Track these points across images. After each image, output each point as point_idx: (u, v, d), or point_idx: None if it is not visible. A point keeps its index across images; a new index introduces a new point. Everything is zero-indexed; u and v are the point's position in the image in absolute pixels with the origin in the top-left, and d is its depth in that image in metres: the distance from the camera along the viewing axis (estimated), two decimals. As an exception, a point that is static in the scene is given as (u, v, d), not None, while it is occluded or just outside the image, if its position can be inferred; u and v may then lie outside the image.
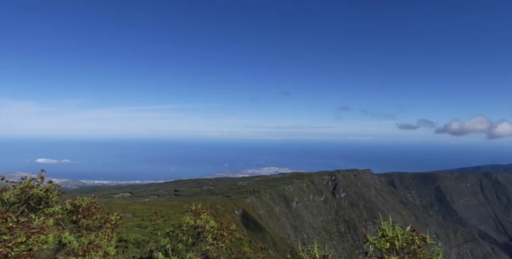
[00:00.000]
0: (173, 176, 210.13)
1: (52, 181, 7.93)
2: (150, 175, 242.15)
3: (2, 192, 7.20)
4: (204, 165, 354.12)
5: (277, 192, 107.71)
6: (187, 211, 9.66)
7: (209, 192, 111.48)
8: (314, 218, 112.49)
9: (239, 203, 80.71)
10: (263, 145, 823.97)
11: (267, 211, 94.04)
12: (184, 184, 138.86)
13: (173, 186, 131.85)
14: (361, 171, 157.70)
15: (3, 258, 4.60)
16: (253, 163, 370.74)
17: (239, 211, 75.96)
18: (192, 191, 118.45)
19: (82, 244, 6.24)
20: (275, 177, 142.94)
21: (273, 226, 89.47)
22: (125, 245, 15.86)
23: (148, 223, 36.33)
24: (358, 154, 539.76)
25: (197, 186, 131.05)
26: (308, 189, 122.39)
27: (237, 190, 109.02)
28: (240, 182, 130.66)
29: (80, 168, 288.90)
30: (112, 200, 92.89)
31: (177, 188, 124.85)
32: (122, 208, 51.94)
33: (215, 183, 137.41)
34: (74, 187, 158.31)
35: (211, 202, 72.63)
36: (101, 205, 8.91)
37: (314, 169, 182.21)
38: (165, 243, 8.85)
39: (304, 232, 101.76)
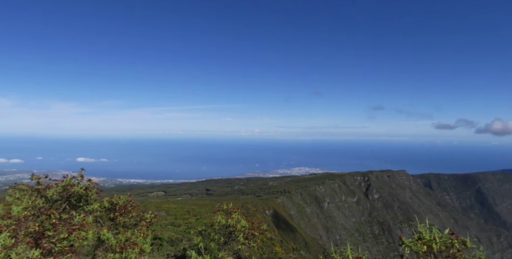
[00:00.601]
0: (205, 175, 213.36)
1: (91, 179, 8.25)
2: (183, 175, 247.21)
3: (46, 190, 7.59)
4: (235, 164, 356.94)
5: (308, 193, 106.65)
6: (218, 211, 9.74)
7: (240, 192, 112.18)
8: (346, 219, 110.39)
9: (270, 203, 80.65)
10: (294, 145, 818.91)
11: (298, 212, 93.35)
12: (216, 183, 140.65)
13: (205, 186, 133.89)
14: (396, 172, 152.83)
15: (48, 253, 4.83)
16: (284, 164, 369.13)
17: (270, 212, 75.89)
18: (223, 191, 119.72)
19: (119, 241, 6.44)
20: (306, 177, 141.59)
21: (305, 226, 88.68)
22: (159, 243, 16.27)
23: (182, 221, 37.05)
24: (392, 155, 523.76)
25: (228, 185, 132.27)
26: (340, 190, 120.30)
27: (268, 190, 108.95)
28: (270, 182, 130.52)
29: (116, 167, 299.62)
30: (147, 198, 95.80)
31: (208, 187, 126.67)
32: (156, 207, 53.34)
33: (246, 182, 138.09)
34: (111, 185, 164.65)
35: (242, 202, 73.06)
36: (137, 204, 9.14)
37: (346, 169, 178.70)
38: (197, 242, 8.97)
39: (336, 233, 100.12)
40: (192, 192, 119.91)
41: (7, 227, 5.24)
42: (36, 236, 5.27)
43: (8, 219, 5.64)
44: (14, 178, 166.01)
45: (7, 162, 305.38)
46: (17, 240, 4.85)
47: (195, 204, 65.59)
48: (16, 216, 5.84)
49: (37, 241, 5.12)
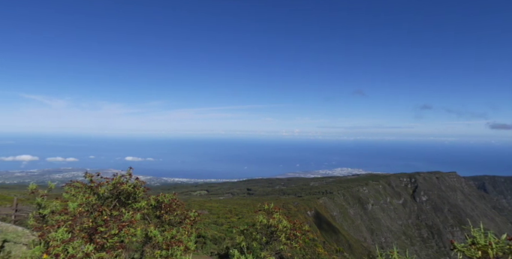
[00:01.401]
0: (246, 175, 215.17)
1: (138, 178, 8.60)
2: (225, 174, 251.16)
3: (98, 187, 8.01)
4: (276, 164, 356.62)
5: (351, 194, 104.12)
6: (260, 210, 9.73)
7: (281, 192, 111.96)
8: (392, 221, 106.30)
9: (311, 204, 79.68)
10: (335, 145, 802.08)
11: (341, 213, 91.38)
12: (257, 183, 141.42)
13: (246, 185, 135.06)
14: (445, 174, 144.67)
15: (101, 248, 5.09)
16: (325, 164, 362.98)
17: (312, 212, 74.95)
18: (264, 190, 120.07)
19: (165, 239, 6.64)
20: (348, 178, 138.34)
21: (348, 228, 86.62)
22: (203, 241, 16.63)
23: (224, 220, 37.68)
24: (441, 156, 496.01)
25: (269, 185, 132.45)
26: (385, 191, 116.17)
27: (309, 190, 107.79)
28: (311, 182, 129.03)
29: (161, 166, 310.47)
30: (190, 197, 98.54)
31: (249, 187, 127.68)
32: (199, 205, 54.61)
33: (287, 183, 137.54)
34: (156, 184, 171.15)
35: (284, 202, 72.81)
36: (181, 202, 9.36)
37: (391, 170, 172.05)
38: (240, 241, 9.02)
39: (381, 235, 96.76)
40: (234, 192, 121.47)
41: (64, 222, 5.60)
42: (90, 231, 5.58)
43: (65, 215, 6.02)
44: (70, 176, 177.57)
45: (64, 160, 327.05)
46: (73, 235, 5.16)
47: (236, 204, 66.40)
48: (72, 212, 6.22)
49: (91, 237, 5.42)
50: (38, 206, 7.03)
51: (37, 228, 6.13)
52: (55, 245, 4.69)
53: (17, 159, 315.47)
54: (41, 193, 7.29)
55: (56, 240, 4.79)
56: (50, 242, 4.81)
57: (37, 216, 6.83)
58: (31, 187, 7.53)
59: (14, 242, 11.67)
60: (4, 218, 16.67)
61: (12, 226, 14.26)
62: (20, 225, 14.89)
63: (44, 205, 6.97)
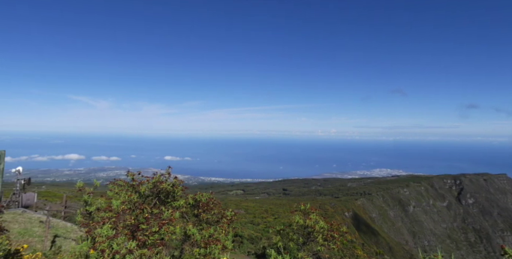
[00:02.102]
0: (281, 175, 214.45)
1: (177, 177, 8.83)
2: (260, 174, 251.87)
3: (139, 186, 8.32)
4: (312, 165, 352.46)
5: (390, 195, 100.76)
6: (296, 211, 9.64)
7: (317, 192, 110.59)
8: (436, 224, 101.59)
9: (349, 205, 78.00)
10: (374, 145, 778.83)
11: (380, 215, 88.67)
12: (293, 183, 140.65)
13: (282, 185, 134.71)
14: (494, 176, 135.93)
15: (143, 245, 5.28)
16: (363, 165, 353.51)
17: (349, 213, 73.36)
18: (300, 191, 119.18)
19: (203, 237, 6.75)
20: (388, 179, 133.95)
21: (388, 230, 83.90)
22: (240, 240, 16.78)
23: (260, 220, 37.79)
24: (489, 157, 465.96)
25: (305, 185, 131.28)
26: (427, 193, 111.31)
27: (346, 191, 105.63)
28: (349, 183, 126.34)
29: (198, 165, 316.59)
30: (227, 196, 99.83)
31: (285, 187, 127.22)
32: (235, 205, 55.16)
33: (323, 183, 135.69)
34: (194, 183, 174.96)
35: (320, 203, 71.87)
36: (218, 201, 9.49)
37: (433, 172, 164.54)
38: (276, 241, 8.99)
39: (424, 239, 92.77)
40: (270, 192, 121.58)
41: (109, 219, 5.86)
42: (132, 228, 5.80)
43: (109, 212, 6.30)
44: (113, 174, 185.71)
45: (107, 159, 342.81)
46: (117, 232, 5.38)
47: (272, 204, 66.39)
48: (116, 209, 6.49)
49: (133, 234, 5.63)
50: (85, 203, 7.41)
51: (84, 224, 6.46)
52: (101, 241, 4.91)
53: (66, 158, 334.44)
54: (87, 190, 7.67)
55: (102, 236, 5.02)
56: (96, 238, 5.05)
57: (84, 213, 7.19)
58: (78, 185, 7.95)
59: (64, 237, 12.40)
60: (55, 214, 17.77)
61: (62, 222, 15.17)
62: (69, 221, 15.81)
63: (90, 203, 7.33)
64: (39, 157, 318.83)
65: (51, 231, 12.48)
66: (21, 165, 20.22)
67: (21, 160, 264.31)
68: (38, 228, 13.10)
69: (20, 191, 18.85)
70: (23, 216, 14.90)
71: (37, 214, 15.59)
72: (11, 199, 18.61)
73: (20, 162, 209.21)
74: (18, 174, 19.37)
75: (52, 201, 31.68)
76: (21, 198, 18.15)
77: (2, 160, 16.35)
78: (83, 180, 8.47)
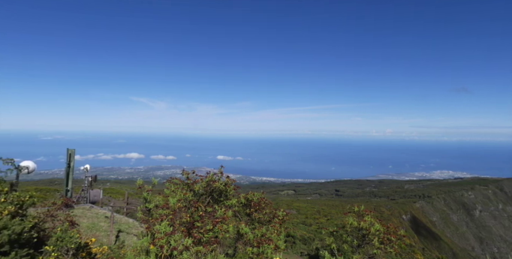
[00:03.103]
0: (333, 176, 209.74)
1: (229, 176, 9.01)
2: (311, 174, 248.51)
3: (194, 184, 8.62)
4: (365, 165, 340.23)
5: (453, 198, 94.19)
6: (350, 212, 9.38)
7: (372, 194, 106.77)
8: (506, 230, 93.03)
9: (407, 207, 74.23)
10: (434, 146, 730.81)
11: (442, 219, 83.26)
12: (345, 184, 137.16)
13: (334, 186, 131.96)
14: None
15: (198, 242, 5.46)
16: (422, 166, 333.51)
17: (407, 216, 69.84)
18: (353, 192, 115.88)
19: (256, 236, 6.81)
20: (450, 181, 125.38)
21: (451, 235, 78.53)
22: (292, 240, 16.70)
23: (312, 221, 37.34)
24: None
25: (358, 187, 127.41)
26: (495, 197, 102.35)
27: (404, 193, 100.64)
28: (406, 185, 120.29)
29: (250, 165, 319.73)
30: (278, 196, 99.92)
31: (338, 188, 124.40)
32: (287, 205, 55.03)
33: (378, 184, 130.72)
34: (245, 182, 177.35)
35: (375, 205, 69.28)
36: (269, 201, 9.52)
37: (503, 175, 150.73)
38: (330, 242, 8.81)
39: (493, 245, 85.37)
40: (321, 192, 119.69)
41: (166, 216, 6.13)
42: (188, 226, 6.02)
43: (167, 209, 6.59)
44: (170, 173, 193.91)
45: (164, 158, 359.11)
46: (174, 228, 5.62)
47: (324, 204, 65.28)
48: (172, 206, 6.78)
49: (189, 231, 5.84)
50: (145, 200, 7.83)
51: (144, 220, 6.82)
52: (159, 237, 5.16)
53: (127, 157, 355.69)
54: (146, 188, 8.09)
55: (160, 233, 5.27)
56: (155, 234, 5.32)
57: (144, 210, 7.60)
58: (138, 183, 8.42)
59: (127, 232, 13.22)
60: (118, 210, 19.01)
61: (125, 217, 16.19)
62: (131, 217, 16.83)
63: (149, 200, 7.73)
64: (104, 156, 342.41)
65: (115, 226, 13.37)
66: (89, 163, 21.86)
67: (88, 158, 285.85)
68: (104, 223, 14.10)
69: (87, 188, 20.43)
70: (91, 211, 16.12)
71: (103, 210, 16.78)
72: (80, 195, 20.25)
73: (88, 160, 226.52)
74: (86, 171, 21.02)
75: (115, 197, 33.94)
76: (88, 194, 19.64)
77: (73, 159, 17.86)
78: (142, 178, 8.95)
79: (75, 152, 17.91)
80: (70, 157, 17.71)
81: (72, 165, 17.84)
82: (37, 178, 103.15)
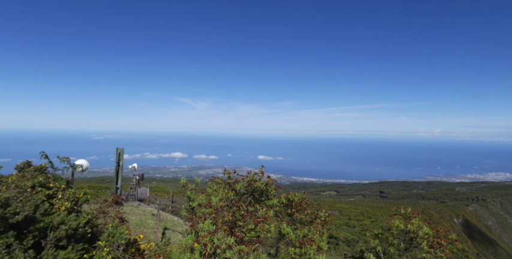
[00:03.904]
0: (377, 177, 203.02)
1: (270, 176, 9.01)
2: (354, 175, 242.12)
3: (235, 184, 8.73)
4: (412, 167, 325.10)
5: (511, 202, 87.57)
6: (395, 215, 9.02)
7: (419, 196, 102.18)
8: None
9: (458, 211, 70.11)
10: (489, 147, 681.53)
11: (498, 223, 77.70)
12: (390, 186, 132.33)
13: (378, 187, 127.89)
14: None
15: (240, 241, 5.52)
16: (475, 168, 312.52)
17: (459, 220, 65.99)
18: (399, 194, 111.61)
19: (298, 237, 6.75)
20: (507, 184, 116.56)
21: (509, 241, 73.06)
22: (335, 242, 16.36)
23: (356, 222, 36.39)
24: None
25: (405, 188, 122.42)
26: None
27: (454, 196, 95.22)
28: (457, 188, 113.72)
29: (290, 165, 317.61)
30: (319, 197, 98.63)
31: (382, 189, 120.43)
32: (329, 206, 54.15)
33: (426, 186, 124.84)
34: (286, 182, 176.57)
35: (423, 207, 66.21)
36: (311, 202, 9.41)
37: None
38: (375, 245, 8.55)
39: (560, 253, 78.34)
40: (365, 194, 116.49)
41: (209, 215, 6.26)
42: (230, 225, 6.11)
43: (209, 208, 6.73)
44: (212, 172, 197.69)
45: (206, 158, 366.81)
46: (217, 227, 5.73)
47: (368, 206, 63.40)
48: (215, 205, 6.91)
49: (231, 230, 5.92)
50: (188, 199, 8.05)
51: (188, 218, 7.02)
52: (203, 235, 5.28)
53: (172, 156, 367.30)
54: (190, 187, 8.32)
55: (204, 231, 5.39)
56: (199, 232, 5.45)
57: (188, 208, 7.81)
58: (182, 182, 8.68)
59: (172, 230, 13.68)
60: (163, 208, 19.72)
61: (170, 215, 16.76)
62: (175, 215, 17.38)
63: (193, 199, 7.93)
64: (150, 155, 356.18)
65: (161, 224, 13.89)
66: (136, 162, 22.89)
67: (135, 157, 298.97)
68: (151, 220, 14.69)
69: (135, 186, 21.40)
70: (139, 209, 16.86)
71: (149, 208, 17.49)
72: (128, 193, 21.26)
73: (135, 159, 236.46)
74: (134, 170, 22.03)
75: (161, 195, 35.25)
76: (136, 192, 20.57)
77: (122, 157, 18.79)
78: (185, 177, 9.21)
79: (123, 151, 18.83)
80: (119, 156, 18.67)
81: (121, 164, 18.78)
82: (90, 176, 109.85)
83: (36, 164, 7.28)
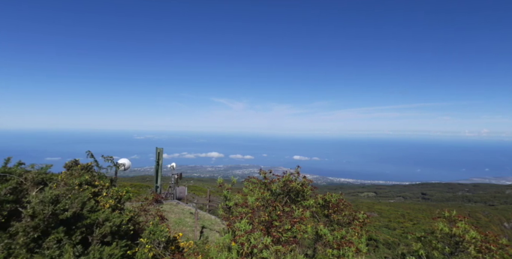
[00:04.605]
0: (419, 178, 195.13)
1: (306, 176, 8.92)
2: (393, 176, 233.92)
3: (271, 184, 8.72)
4: (456, 168, 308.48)
5: None
6: (439, 217, 8.61)
7: (465, 199, 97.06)
8: None
9: (509, 214, 65.74)
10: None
11: (556, 230, 71.94)
12: (433, 188, 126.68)
13: (420, 189, 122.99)
14: None
15: (277, 241, 5.51)
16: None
17: (510, 224, 61.88)
18: (442, 196, 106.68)
19: (335, 238, 6.63)
20: None
21: None
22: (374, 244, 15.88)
23: (396, 225, 35.15)
24: None
25: (449, 191, 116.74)
26: None
27: (505, 199, 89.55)
28: (507, 190, 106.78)
29: (327, 166, 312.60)
30: (357, 198, 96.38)
31: (424, 191, 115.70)
32: (367, 207, 52.82)
33: (472, 189, 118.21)
34: (323, 183, 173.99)
35: (469, 210, 62.76)
36: (348, 203, 9.20)
37: None
38: (417, 248, 8.21)
39: None
40: (406, 195, 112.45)
41: (245, 214, 6.30)
42: (266, 225, 6.11)
43: (246, 208, 6.77)
44: (247, 172, 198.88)
45: (242, 158, 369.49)
46: (253, 227, 5.75)
47: (409, 208, 61.11)
48: (251, 205, 6.95)
49: (267, 230, 5.92)
50: (225, 198, 8.16)
51: (225, 217, 7.11)
52: (240, 235, 5.32)
53: (209, 156, 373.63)
54: (226, 186, 8.42)
55: (240, 230, 5.43)
56: (236, 232, 5.50)
57: (224, 207, 7.92)
58: (219, 181, 8.81)
59: (210, 229, 13.93)
60: (201, 207, 20.13)
61: (207, 214, 17.08)
62: (212, 214, 17.69)
63: (229, 198, 8.02)
64: (188, 155, 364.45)
65: (199, 222, 14.18)
66: (174, 161, 23.55)
67: (174, 157, 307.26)
68: (189, 219, 15.04)
69: (174, 185, 22.02)
70: (177, 207, 17.33)
71: (188, 206, 17.92)
72: (168, 191, 21.92)
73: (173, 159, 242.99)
74: (173, 169, 22.67)
75: (198, 194, 36.01)
76: (175, 191, 21.16)
77: (161, 157, 19.41)
78: (222, 177, 9.35)
79: (163, 151, 19.44)
80: (159, 156, 19.29)
81: (160, 163, 19.40)
82: (131, 175, 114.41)
83: (83, 163, 7.68)
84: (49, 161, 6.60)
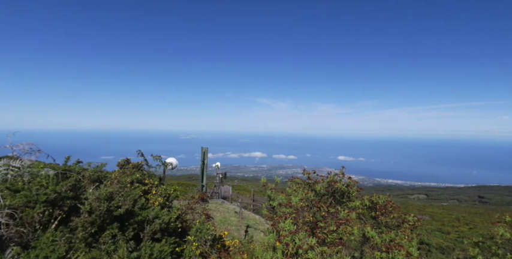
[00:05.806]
0: (475, 181, 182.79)
1: (351, 177, 8.68)
2: (446, 178, 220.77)
3: (315, 184, 8.59)
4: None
5: None
6: (499, 222, 7.99)
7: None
8: None
9: None
10: None
11: None
12: (491, 191, 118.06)
13: (477, 192, 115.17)
14: None
15: (322, 242, 5.41)
16: None
17: None
18: (502, 199, 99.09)
19: (384, 241, 6.38)
20: None
21: None
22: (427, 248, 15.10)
23: (451, 229, 33.16)
24: None
25: (509, 194, 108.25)
26: None
27: None
28: None
29: (373, 166, 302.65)
30: (407, 200, 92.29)
31: (482, 194, 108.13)
32: (418, 210, 50.49)
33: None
34: (369, 184, 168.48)
35: (534, 216, 57.61)
36: (397, 205, 8.82)
37: None
38: (475, 254, 7.68)
39: None
40: (460, 198, 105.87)
41: (290, 215, 6.27)
42: (311, 225, 6.02)
43: (290, 208, 6.73)
44: (291, 172, 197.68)
45: (285, 158, 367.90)
46: (297, 227, 5.70)
47: (465, 212, 57.43)
48: (295, 205, 6.89)
49: (312, 230, 5.83)
50: (268, 198, 8.16)
51: (269, 217, 7.11)
52: (284, 235, 5.30)
53: (252, 155, 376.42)
54: (270, 186, 8.42)
55: (285, 230, 5.41)
56: (280, 232, 5.48)
57: (268, 207, 7.93)
58: (263, 181, 8.83)
59: (254, 228, 14.04)
60: (245, 206, 20.35)
61: (252, 214, 17.22)
62: (257, 213, 17.81)
63: (273, 198, 8.02)
64: (231, 154, 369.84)
65: (244, 222, 14.34)
66: (219, 161, 24.06)
67: (218, 156, 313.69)
68: (234, 218, 15.27)
69: (219, 184, 22.47)
70: (222, 206, 17.67)
71: (232, 205, 18.20)
72: (213, 190, 22.42)
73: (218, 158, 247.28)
74: (217, 168, 23.16)
75: (242, 194, 36.43)
76: (220, 190, 21.58)
77: (206, 156, 19.90)
78: (265, 177, 9.36)
79: (208, 150, 19.92)
80: (204, 155, 19.80)
81: (206, 163, 19.89)
82: (178, 174, 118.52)
83: (134, 161, 8.07)
84: (103, 160, 7.02)
